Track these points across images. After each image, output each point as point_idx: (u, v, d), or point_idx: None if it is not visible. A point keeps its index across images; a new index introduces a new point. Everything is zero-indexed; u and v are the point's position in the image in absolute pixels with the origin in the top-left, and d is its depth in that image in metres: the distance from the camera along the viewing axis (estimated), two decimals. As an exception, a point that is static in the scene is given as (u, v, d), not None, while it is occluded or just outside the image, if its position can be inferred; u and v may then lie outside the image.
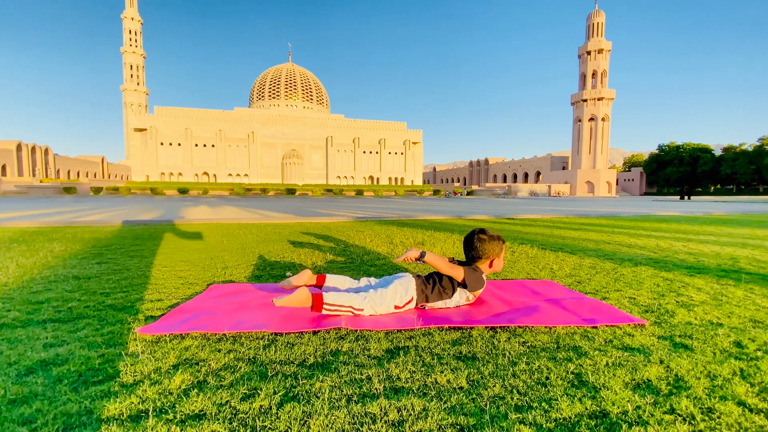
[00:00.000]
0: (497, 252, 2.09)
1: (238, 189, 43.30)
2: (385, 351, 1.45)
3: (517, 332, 1.66)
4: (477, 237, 2.09)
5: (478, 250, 2.07)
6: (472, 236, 2.12)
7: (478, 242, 2.08)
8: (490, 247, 2.07)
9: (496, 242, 2.09)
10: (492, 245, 2.07)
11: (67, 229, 6.16)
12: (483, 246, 2.06)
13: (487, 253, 2.07)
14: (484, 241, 2.07)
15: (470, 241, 2.11)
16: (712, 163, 74.98)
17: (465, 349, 1.46)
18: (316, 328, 1.66)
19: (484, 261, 2.09)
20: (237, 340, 1.56)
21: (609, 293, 2.34)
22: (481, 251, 2.06)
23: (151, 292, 2.33)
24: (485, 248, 2.06)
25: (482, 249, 2.06)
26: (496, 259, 2.10)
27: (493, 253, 2.08)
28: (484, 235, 2.10)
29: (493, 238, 2.09)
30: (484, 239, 2.08)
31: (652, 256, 3.64)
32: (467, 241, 2.14)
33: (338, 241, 4.66)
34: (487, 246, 2.07)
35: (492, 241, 2.08)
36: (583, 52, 71.79)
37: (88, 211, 11.11)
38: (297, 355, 1.41)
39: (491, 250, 2.07)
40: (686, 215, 10.33)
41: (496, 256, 2.09)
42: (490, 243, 2.08)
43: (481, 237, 2.09)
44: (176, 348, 1.47)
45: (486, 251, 2.07)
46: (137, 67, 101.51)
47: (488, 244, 2.07)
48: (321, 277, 2.14)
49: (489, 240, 2.08)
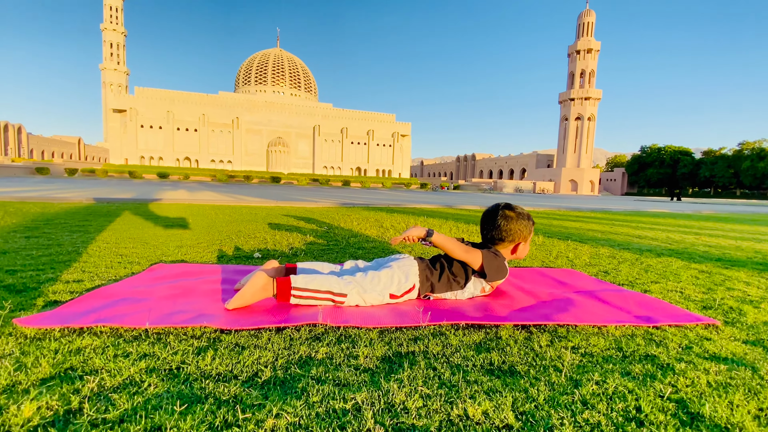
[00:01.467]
0: (525, 234, 1.62)
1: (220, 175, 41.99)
2: (380, 359, 0.98)
3: (559, 333, 1.21)
4: (502, 213, 1.61)
5: (501, 229, 1.59)
6: (495, 212, 1.64)
7: (503, 220, 1.60)
8: (517, 227, 1.60)
9: (525, 221, 1.62)
10: (520, 224, 1.60)
11: (17, 203, 5.46)
12: (509, 225, 1.59)
13: (512, 235, 1.60)
14: (511, 219, 1.60)
15: (492, 217, 1.63)
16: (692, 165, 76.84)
17: (496, 358, 1.00)
18: (279, 323, 1.17)
19: (507, 245, 1.62)
20: (161, 339, 1.06)
21: (647, 285, 1.93)
22: (505, 232, 1.59)
23: (74, 271, 1.80)
24: (511, 228, 1.59)
25: (507, 229, 1.59)
26: (522, 244, 1.63)
27: (521, 235, 1.61)
28: (511, 211, 1.62)
29: (522, 216, 1.62)
30: (511, 216, 1.60)
31: (670, 248, 3.27)
32: (488, 217, 1.65)
33: (321, 223, 4.15)
34: (514, 225, 1.59)
35: (520, 220, 1.61)
36: (572, 51, 72.15)
37: (55, 190, 10.25)
38: (246, 365, 0.92)
39: (518, 232, 1.60)
40: (677, 212, 10.17)
41: (523, 239, 1.63)
42: (518, 222, 1.60)
43: (507, 213, 1.61)
44: (63, 350, 0.96)
45: (512, 232, 1.59)
46: (117, 45, 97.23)
47: (516, 222, 1.60)
48: (291, 265, 1.64)
49: (517, 218, 1.61)
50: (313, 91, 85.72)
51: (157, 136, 57.18)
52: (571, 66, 72.32)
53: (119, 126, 55.96)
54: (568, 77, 73.33)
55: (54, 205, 5.45)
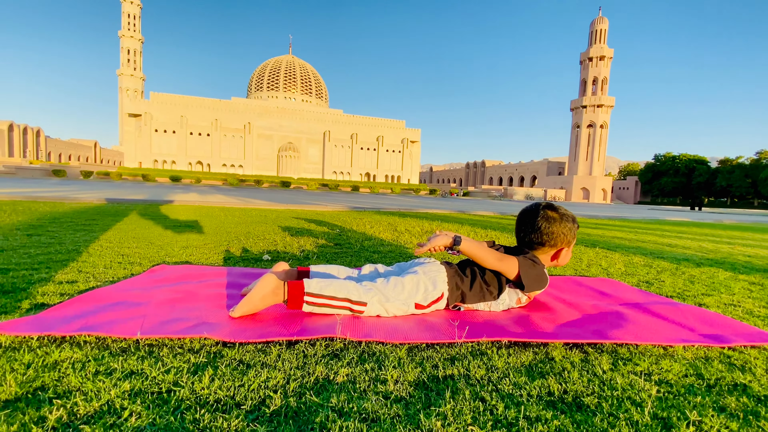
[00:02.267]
0: (569, 239, 1.41)
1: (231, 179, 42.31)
2: (414, 385, 0.80)
3: (620, 354, 1.02)
4: (543, 213, 1.40)
5: (542, 232, 1.38)
6: (534, 212, 1.42)
7: (545, 221, 1.39)
8: (560, 230, 1.39)
9: (569, 224, 1.41)
10: (564, 227, 1.39)
11: (28, 202, 5.42)
12: (551, 228, 1.38)
13: (554, 239, 1.39)
14: (554, 221, 1.39)
15: (531, 218, 1.42)
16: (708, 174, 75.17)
17: (555, 386, 0.82)
18: (291, 336, 1.01)
19: (548, 250, 1.42)
20: (153, 352, 0.90)
21: (698, 298, 1.72)
22: (546, 235, 1.38)
23: (69, 271, 1.66)
24: (554, 231, 1.38)
25: (550, 232, 1.38)
26: (565, 249, 1.42)
27: (564, 239, 1.40)
28: (554, 211, 1.41)
29: (567, 218, 1.41)
30: (554, 218, 1.39)
31: (708, 257, 3.03)
32: (526, 218, 1.44)
33: (333, 225, 3.99)
34: (557, 228, 1.38)
35: (564, 222, 1.40)
36: (584, 58, 71.52)
37: (68, 191, 10.31)
38: (251, 388, 0.75)
39: (562, 236, 1.39)
40: (699, 221, 9.80)
41: (566, 244, 1.41)
42: (562, 224, 1.39)
43: (549, 214, 1.40)
44: (37, 364, 0.81)
45: (555, 236, 1.38)
46: (134, 51, 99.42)
47: (559, 225, 1.39)
48: (303, 268, 1.47)
49: (561, 219, 1.39)
50: (323, 97, 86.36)
51: (171, 140, 58.02)
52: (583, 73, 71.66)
53: (134, 130, 56.94)
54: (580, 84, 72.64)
55: (64, 204, 5.40)
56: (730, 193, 73.90)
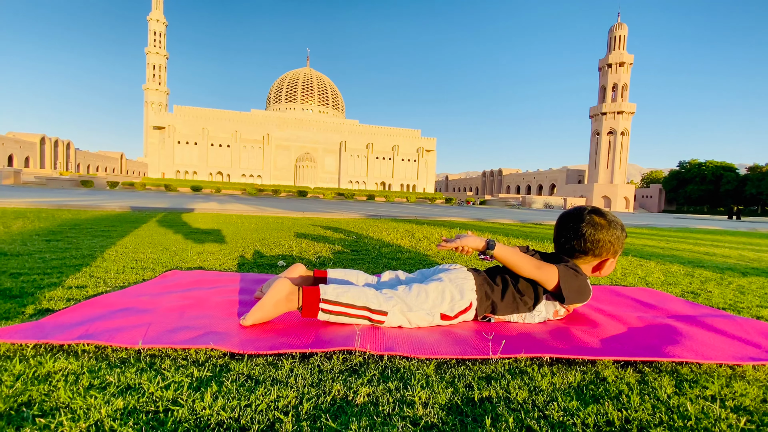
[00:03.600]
0: (616, 248, 1.26)
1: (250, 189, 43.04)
2: (445, 408, 0.69)
3: (682, 374, 0.88)
4: (590, 219, 1.25)
5: (587, 240, 1.23)
6: (578, 216, 1.27)
7: (590, 228, 1.23)
8: (608, 239, 1.23)
9: (618, 232, 1.25)
10: (612, 236, 1.24)
11: (52, 210, 5.56)
12: (597, 235, 1.22)
13: (600, 248, 1.23)
14: (601, 228, 1.23)
15: (575, 222, 1.26)
16: (736, 182, 72.19)
17: (614, 413, 0.69)
18: (305, 348, 0.91)
19: (591, 260, 1.27)
20: (154, 364, 0.81)
21: (753, 310, 1.54)
22: (592, 243, 1.23)
23: (81, 276, 1.62)
24: (600, 239, 1.23)
25: (595, 240, 1.23)
26: (610, 260, 1.27)
27: (611, 249, 1.25)
28: (601, 217, 1.25)
29: (615, 225, 1.25)
30: (601, 224, 1.24)
31: (754, 266, 2.80)
32: (568, 223, 1.28)
33: (349, 232, 3.91)
34: (603, 236, 1.23)
35: (612, 230, 1.24)
36: (603, 64, 70.33)
37: (94, 200, 10.61)
38: (259, 409, 0.66)
39: (609, 245, 1.24)
40: (733, 229, 9.30)
41: (612, 254, 1.26)
42: (610, 232, 1.23)
43: (596, 220, 1.24)
44: (27, 375, 0.73)
45: (600, 244, 1.23)
46: (160, 67, 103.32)
47: (608, 232, 1.23)
48: (320, 272, 1.37)
49: (609, 227, 1.24)
50: (340, 108, 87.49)
51: (193, 151, 59.67)
52: (602, 80, 70.40)
53: (158, 142, 58.86)
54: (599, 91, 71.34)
55: (87, 212, 5.51)
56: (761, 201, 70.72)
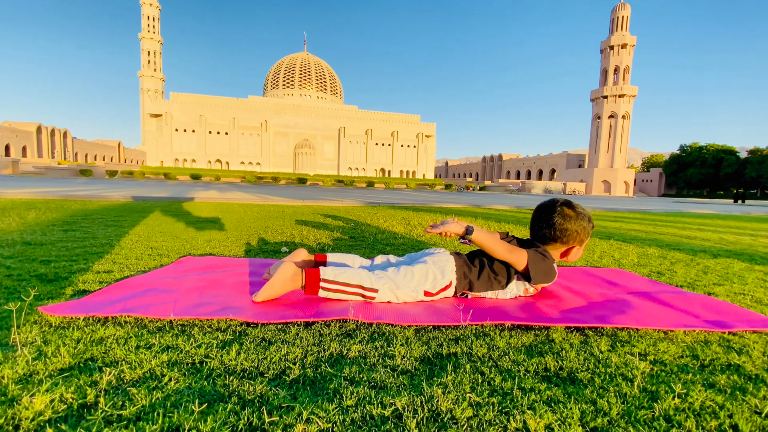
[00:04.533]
0: (582, 237, 1.44)
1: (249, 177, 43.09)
2: (419, 360, 0.88)
3: (620, 337, 1.07)
4: (560, 210, 1.43)
5: (556, 228, 1.41)
6: (551, 207, 1.45)
7: (560, 218, 1.41)
8: (575, 228, 1.41)
9: (584, 223, 1.43)
10: (578, 226, 1.42)
11: (60, 201, 5.73)
12: (566, 225, 1.41)
13: (568, 237, 1.42)
14: (569, 219, 1.41)
15: (547, 213, 1.44)
16: (737, 165, 72.05)
17: (552, 363, 0.88)
18: (308, 318, 1.09)
19: (559, 246, 1.45)
20: (185, 331, 1.00)
21: (709, 287, 1.73)
22: (560, 231, 1.41)
23: (105, 262, 1.80)
24: (569, 228, 1.41)
25: (564, 229, 1.41)
26: (576, 248, 1.46)
27: (577, 237, 1.43)
28: (571, 209, 1.43)
29: (582, 217, 1.43)
30: (570, 215, 1.42)
31: (727, 248, 2.99)
32: (542, 213, 1.47)
33: (348, 220, 4.09)
34: (571, 225, 1.41)
35: (580, 220, 1.42)
36: (605, 46, 69.38)
37: (97, 190, 10.76)
38: (273, 361, 0.84)
39: (575, 234, 1.42)
40: (725, 213, 9.49)
41: (579, 242, 1.45)
42: (577, 222, 1.42)
43: (565, 211, 1.42)
44: (85, 339, 0.92)
45: (568, 233, 1.41)
46: (154, 53, 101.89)
47: (574, 222, 1.41)
48: (321, 255, 1.56)
49: (577, 218, 1.42)
50: (338, 94, 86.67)
51: (191, 139, 59.42)
52: (604, 62, 69.57)
53: (155, 130, 58.55)
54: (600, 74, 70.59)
55: (93, 202, 5.68)
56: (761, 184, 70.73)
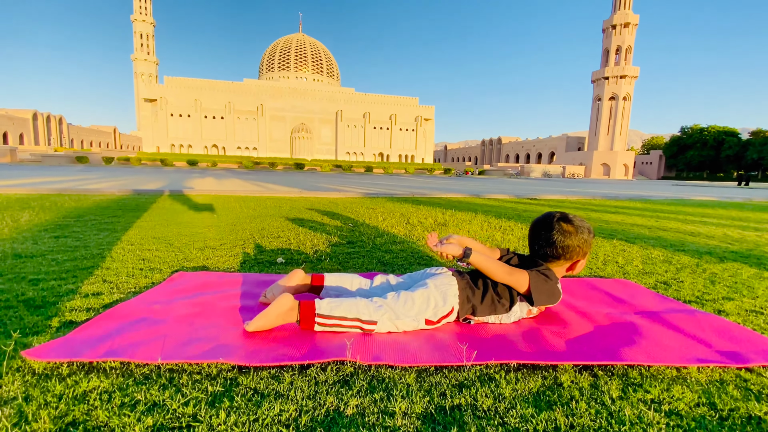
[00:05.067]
0: (585, 250, 1.37)
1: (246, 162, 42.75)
2: (421, 418, 0.83)
3: (631, 377, 1.02)
4: (558, 227, 1.35)
5: (557, 246, 1.35)
6: (548, 224, 1.38)
7: (560, 236, 1.34)
8: (576, 244, 1.35)
9: (585, 236, 1.36)
10: (580, 240, 1.35)
11: (55, 196, 5.64)
12: (566, 242, 1.34)
13: (571, 252, 1.35)
14: (570, 235, 1.34)
15: (546, 230, 1.38)
16: (738, 147, 71.60)
17: (562, 419, 0.83)
18: (303, 360, 1.04)
19: (564, 263, 1.39)
20: (173, 380, 0.95)
21: (719, 303, 1.68)
22: (563, 249, 1.35)
23: (94, 281, 1.74)
24: (571, 245, 1.34)
25: (565, 246, 1.34)
26: (581, 261, 1.40)
27: (580, 252, 1.36)
28: (569, 224, 1.36)
29: (582, 230, 1.36)
30: (570, 232, 1.35)
31: (732, 249, 2.94)
32: (539, 230, 1.40)
33: (346, 218, 4.02)
34: (573, 241, 1.34)
35: (580, 235, 1.35)
36: (607, 25, 67.91)
37: (94, 180, 10.63)
38: (265, 423, 0.79)
39: (578, 249, 1.35)
40: (726, 200, 9.43)
41: (582, 255, 1.38)
42: (578, 237, 1.35)
43: (564, 228, 1.35)
44: (67, 395, 0.86)
45: (571, 249, 1.35)
46: (147, 36, 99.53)
47: (575, 238, 1.34)
48: (318, 277, 1.50)
49: (577, 233, 1.35)
50: (335, 76, 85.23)
51: (186, 124, 58.68)
52: (606, 42, 68.22)
53: (150, 115, 57.75)
54: (602, 54, 69.33)
55: (88, 198, 5.59)
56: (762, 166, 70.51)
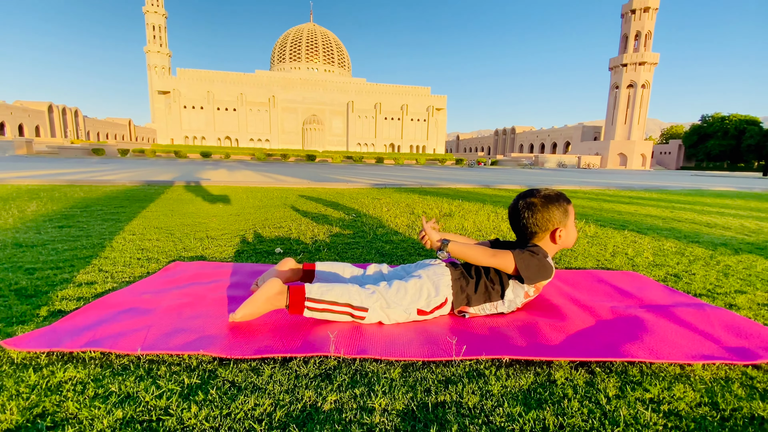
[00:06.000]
0: (559, 218, 1.34)
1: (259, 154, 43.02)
2: (401, 416, 0.79)
3: (630, 375, 0.96)
4: (523, 203, 1.36)
5: (528, 222, 1.35)
6: (515, 206, 1.40)
7: (527, 210, 1.35)
8: (546, 215, 1.33)
9: (553, 205, 1.34)
10: (549, 211, 1.34)
11: (65, 187, 5.74)
12: (535, 215, 1.34)
13: (543, 224, 1.34)
14: (535, 207, 1.34)
15: (515, 212, 1.39)
16: (759, 136, 68.94)
17: (551, 419, 0.78)
18: (286, 352, 1.01)
19: (544, 236, 1.37)
20: (152, 370, 0.92)
21: (731, 296, 1.59)
22: (533, 223, 1.34)
23: (90, 270, 1.74)
24: (539, 217, 1.34)
25: (535, 219, 1.34)
26: (561, 229, 1.35)
27: (553, 221, 1.34)
28: (534, 197, 1.36)
29: (549, 200, 1.35)
30: (534, 203, 1.35)
31: (748, 240, 2.81)
32: (512, 213, 1.41)
33: (349, 209, 3.98)
34: (540, 214, 1.34)
35: (548, 205, 1.34)
36: (626, 10, 65.59)
37: (108, 171, 10.81)
38: (237, 418, 0.76)
39: (549, 218, 1.34)
40: (745, 191, 9.09)
41: (559, 224, 1.35)
42: (546, 208, 1.34)
43: (529, 202, 1.35)
44: (41, 386, 0.85)
45: (541, 221, 1.34)
46: (159, 27, 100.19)
47: (542, 210, 1.34)
48: (309, 265, 1.47)
49: (543, 204, 1.34)
50: (346, 66, 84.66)
51: (199, 116, 59.17)
52: (625, 27, 65.98)
53: (164, 107, 58.38)
54: (620, 40, 67.14)
55: (98, 188, 5.67)
56: (776, 156, 67.81)
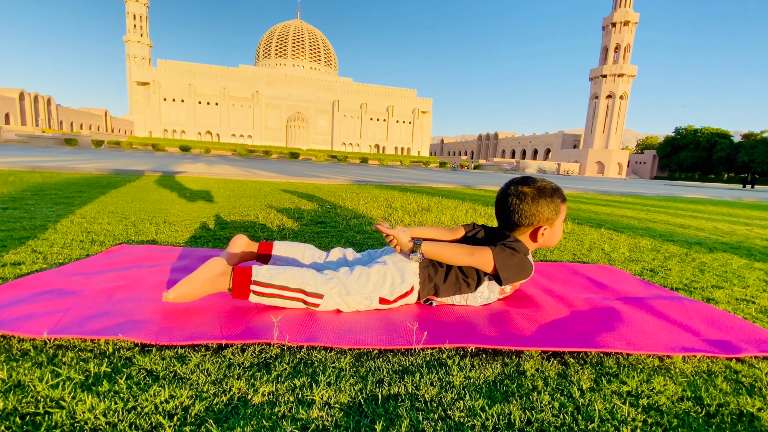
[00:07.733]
0: (547, 215, 1.21)
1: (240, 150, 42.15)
2: (345, 409, 0.67)
3: (606, 366, 0.87)
4: (515, 190, 1.23)
5: (514, 212, 1.22)
6: (506, 189, 1.26)
7: (515, 199, 1.21)
8: (535, 208, 1.20)
9: (547, 199, 1.21)
10: (539, 205, 1.20)
11: (23, 172, 5.37)
12: (523, 206, 1.20)
13: (528, 218, 1.21)
14: (525, 198, 1.20)
15: (504, 199, 1.25)
16: (729, 149, 72.12)
17: (518, 413, 0.68)
18: (221, 339, 0.88)
19: (526, 230, 1.24)
20: (57, 356, 0.78)
21: (708, 291, 1.55)
22: (518, 214, 1.21)
23: (23, 251, 1.56)
24: (526, 209, 1.20)
25: (521, 210, 1.21)
26: (546, 228, 1.23)
27: (541, 217, 1.21)
28: (527, 186, 1.23)
29: (544, 193, 1.21)
30: (525, 194, 1.21)
31: (722, 240, 2.82)
32: (500, 198, 1.27)
33: (324, 201, 3.84)
34: (528, 206, 1.20)
35: (539, 199, 1.20)
36: (608, 23, 67.56)
37: (78, 161, 10.28)
38: (144, 412, 0.63)
39: (536, 213, 1.21)
40: (717, 198, 9.39)
41: (546, 222, 1.22)
42: (536, 202, 1.20)
43: (521, 190, 1.22)
44: None
45: (527, 214, 1.20)
46: (141, 17, 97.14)
47: (531, 203, 1.20)
48: (266, 245, 1.31)
49: (534, 196, 1.20)
50: (333, 65, 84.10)
51: (180, 109, 57.57)
52: (605, 40, 67.94)
53: (143, 99, 56.54)
54: (601, 52, 69.08)
55: (59, 174, 5.34)
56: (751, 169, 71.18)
